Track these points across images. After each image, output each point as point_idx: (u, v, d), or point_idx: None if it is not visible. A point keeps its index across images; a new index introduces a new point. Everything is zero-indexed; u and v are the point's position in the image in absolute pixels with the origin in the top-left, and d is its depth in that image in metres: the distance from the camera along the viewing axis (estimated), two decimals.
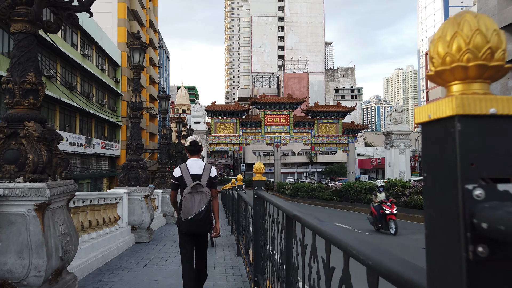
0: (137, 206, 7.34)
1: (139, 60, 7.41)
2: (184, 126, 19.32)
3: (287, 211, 1.84)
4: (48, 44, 23.77)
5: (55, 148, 3.37)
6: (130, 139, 7.52)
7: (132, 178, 7.35)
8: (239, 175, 6.11)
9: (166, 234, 9.28)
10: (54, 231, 3.11)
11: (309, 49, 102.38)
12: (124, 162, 7.61)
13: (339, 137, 49.76)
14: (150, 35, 53.98)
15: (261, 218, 3.07)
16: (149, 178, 7.66)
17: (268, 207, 2.67)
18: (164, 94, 11.54)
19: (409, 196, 15.51)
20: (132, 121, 7.46)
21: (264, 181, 3.25)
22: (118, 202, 6.74)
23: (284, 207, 1.95)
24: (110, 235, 5.96)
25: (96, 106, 32.62)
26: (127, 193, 7.03)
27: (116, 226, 6.58)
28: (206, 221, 3.63)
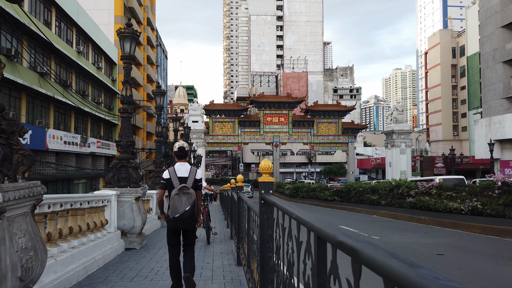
0: (127, 209, 6.68)
1: (130, 50, 6.78)
2: (181, 126, 18.74)
3: (320, 231, 1.20)
4: (42, 41, 23.11)
5: (15, 142, 2.73)
6: (120, 135, 6.89)
7: (122, 178, 6.70)
8: (239, 175, 5.45)
9: (160, 239, 8.60)
10: (11, 245, 2.47)
11: (308, 48, 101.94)
12: (113, 161, 6.97)
13: (338, 137, 49.21)
14: (148, 33, 53.28)
15: (270, 229, 2.43)
16: (141, 179, 7.01)
17: (282, 217, 2.02)
18: (159, 89, 10.90)
19: (415, 197, 14.90)
20: (123, 116, 6.82)
21: (272, 183, 2.62)
22: (105, 205, 6.11)
23: (311, 222, 1.31)
24: (95, 242, 5.31)
25: (92, 104, 31.93)
26: (116, 194, 6.38)
27: (103, 231, 5.94)
28: (190, 219, 4.24)
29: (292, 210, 1.69)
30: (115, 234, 6.27)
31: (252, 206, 3.34)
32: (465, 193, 12.56)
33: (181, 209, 4.15)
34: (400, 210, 16.06)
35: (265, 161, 2.68)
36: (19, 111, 22.55)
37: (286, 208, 1.82)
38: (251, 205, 3.56)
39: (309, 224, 1.34)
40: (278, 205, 2.02)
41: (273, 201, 2.22)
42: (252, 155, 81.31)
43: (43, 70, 24.35)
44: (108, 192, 6.20)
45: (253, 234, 3.59)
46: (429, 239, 9.72)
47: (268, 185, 2.64)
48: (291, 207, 1.75)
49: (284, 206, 1.90)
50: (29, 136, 22.22)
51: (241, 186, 5.22)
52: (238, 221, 5.35)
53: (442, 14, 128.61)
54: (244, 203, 4.47)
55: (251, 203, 3.72)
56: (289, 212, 1.73)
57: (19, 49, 22.31)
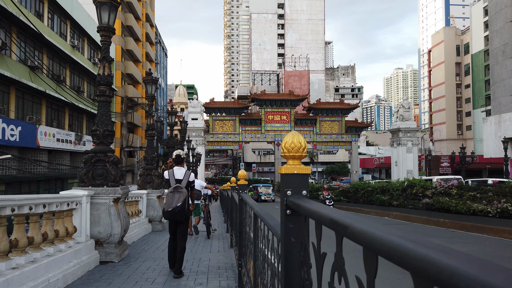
0: (103, 213, 5.41)
1: (109, 20, 5.55)
2: (178, 118, 17.55)
3: None
4: (33, 33, 21.89)
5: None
6: (96, 123, 5.64)
7: (97, 175, 5.43)
8: (241, 171, 4.19)
9: (147, 248, 7.36)
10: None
11: (309, 47, 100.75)
12: (87, 155, 5.72)
13: (342, 135, 47.89)
14: (147, 29, 52.05)
15: (303, 269, 1.14)
16: (121, 176, 5.75)
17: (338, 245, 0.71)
18: (150, 76, 9.67)
19: (432, 198, 13.64)
20: (100, 100, 5.58)
21: (307, 177, 1.39)
22: (74, 209, 4.88)
23: None
24: (53, 258, 4.09)
25: (87, 101, 30.72)
26: (89, 195, 5.15)
27: (69, 242, 4.72)
28: (181, 213, 5.22)
29: None
30: (86, 245, 5.02)
31: (265, 217, 2.07)
32: (492, 193, 11.31)
33: (173, 204, 5.21)
34: (415, 211, 14.80)
35: (294, 136, 1.44)
36: (7, 106, 21.33)
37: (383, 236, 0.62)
38: (261, 214, 2.30)
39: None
40: (351, 227, 0.72)
41: (321, 212, 0.93)
42: (253, 155, 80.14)
43: (34, 64, 23.12)
44: (77, 193, 4.96)
45: (260, 254, 2.38)
46: (458, 247, 8.46)
47: (300, 181, 1.39)
48: None
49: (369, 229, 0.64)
50: (18, 133, 21.00)
51: (244, 185, 4.00)
52: (240, 230, 4.10)
53: (445, 13, 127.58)
54: (247, 206, 3.22)
55: (260, 207, 2.48)
56: None
57: (8, 41, 21.09)
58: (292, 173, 1.39)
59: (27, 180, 23.02)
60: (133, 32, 44.13)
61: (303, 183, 1.38)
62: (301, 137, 1.45)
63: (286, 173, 1.41)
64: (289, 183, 1.39)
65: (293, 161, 1.43)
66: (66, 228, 4.64)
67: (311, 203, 1.17)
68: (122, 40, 40.91)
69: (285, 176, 1.41)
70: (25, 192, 22.38)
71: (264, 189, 35.81)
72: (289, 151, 1.43)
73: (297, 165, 1.42)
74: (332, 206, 10.93)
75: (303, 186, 1.37)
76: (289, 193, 1.38)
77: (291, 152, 1.42)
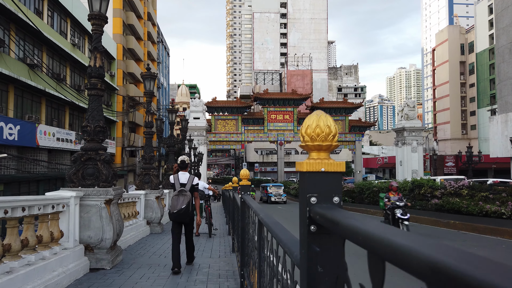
0: (94, 216, 4.97)
1: (100, 8, 5.13)
2: (178, 117, 17.12)
3: None
4: (32, 30, 21.51)
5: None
6: (87, 119, 5.21)
7: (88, 175, 4.99)
8: (243, 170, 3.73)
9: (143, 252, 6.85)
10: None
11: (312, 46, 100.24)
12: (76, 153, 5.28)
13: (345, 135, 47.40)
14: (149, 28, 51.69)
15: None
16: (114, 176, 5.30)
17: None
18: (149, 72, 9.24)
19: (442, 198, 13.15)
20: (91, 93, 5.16)
21: (340, 181, 0.88)
22: (61, 211, 4.45)
23: None
24: (35, 266, 3.65)
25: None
26: (78, 197, 4.71)
27: (55, 248, 4.28)
28: (185, 215, 5.67)
29: None
30: (74, 251, 4.59)
31: (273, 226, 1.62)
32: (506, 194, 10.82)
33: (178, 207, 5.59)
34: (423, 212, 14.32)
35: (320, 117, 1.00)
36: (6, 105, 20.96)
37: None
38: (268, 222, 1.85)
39: None
40: None
41: (397, 242, 0.58)
42: (256, 154, 79.73)
43: (33, 62, 22.75)
44: (64, 194, 4.53)
45: (270, 278, 1.93)
46: (474, 250, 7.97)
47: (330, 182, 0.94)
48: None
49: None
50: (16, 132, 20.62)
51: (247, 185, 3.55)
52: (243, 235, 3.66)
53: (448, 12, 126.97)
54: (250, 210, 2.77)
55: (267, 213, 2.03)
56: None
57: (6, 38, 20.72)
58: (318, 171, 0.95)
59: (26, 180, 22.65)
60: (134, 30, 43.77)
61: (335, 185, 0.93)
62: (330, 119, 1.00)
63: (309, 171, 0.96)
64: (313, 185, 0.94)
65: (319, 153, 0.98)
66: (52, 233, 4.21)
67: (356, 218, 0.71)
68: (124, 38, 40.57)
69: (307, 175, 0.96)
70: (24, 193, 22.03)
71: (275, 189, 32.02)
72: (313, 138, 0.98)
73: (325, 159, 0.97)
74: (408, 222, 8.76)
75: (335, 190, 0.92)
76: (314, 200, 0.93)
77: (316, 141, 0.97)
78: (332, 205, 0.91)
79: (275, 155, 67.65)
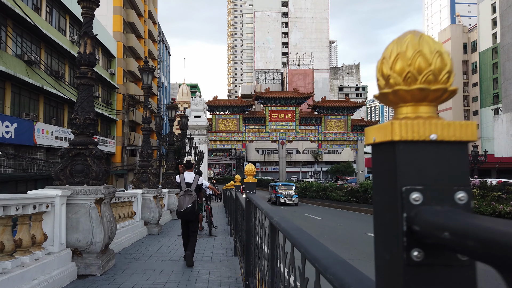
0: (83, 217, 4.49)
1: None
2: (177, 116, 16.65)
3: None
4: (30, 26, 21.08)
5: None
6: (76, 110, 4.73)
7: (76, 172, 4.52)
8: (248, 165, 3.25)
9: (139, 256, 6.27)
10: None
11: (313, 45, 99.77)
12: (63, 148, 4.80)
13: (347, 134, 46.93)
14: (149, 27, 51.25)
15: None
16: (105, 173, 4.83)
17: None
18: (146, 65, 8.77)
19: None
20: (80, 82, 4.69)
21: (467, 162, 0.53)
22: (45, 212, 3.99)
23: None
24: (9, 275, 3.16)
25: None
26: (64, 195, 4.24)
27: (38, 253, 3.82)
28: (191, 213, 5.98)
29: None
30: (59, 256, 4.11)
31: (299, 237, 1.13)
32: None
33: (184, 206, 5.86)
34: None
35: (422, 39, 0.55)
36: (3, 102, 20.53)
37: None
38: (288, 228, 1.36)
39: None
40: None
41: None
42: (257, 154, 79.30)
43: (31, 59, 22.30)
44: (48, 192, 4.06)
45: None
46: None
47: (447, 163, 0.51)
48: None
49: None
50: (13, 130, 20.18)
51: (253, 183, 3.08)
52: (247, 240, 3.18)
53: (450, 11, 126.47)
54: (261, 214, 2.30)
55: (285, 219, 1.58)
56: None
57: (2, 34, 20.30)
58: (425, 139, 0.52)
59: (23, 179, 22.21)
60: (135, 29, 43.34)
61: (459, 168, 0.50)
62: (439, 44, 0.55)
63: (405, 141, 0.52)
64: (414, 169, 0.50)
65: (419, 107, 0.54)
66: (33, 236, 3.76)
67: None
68: (124, 36, 40.14)
69: (400, 149, 0.52)
70: (22, 192, 21.57)
71: (285, 189, 27.68)
72: (410, 78, 0.52)
73: (434, 118, 0.54)
74: None
75: (459, 178, 0.50)
76: (417, 198, 0.50)
77: (417, 82, 0.52)
78: (454, 207, 0.51)
79: (276, 155, 67.19)
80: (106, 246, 4.77)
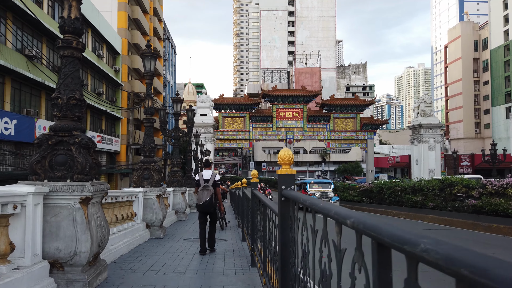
0: (65, 221, 3.55)
1: None
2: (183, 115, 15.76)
3: None
4: (31, 19, 20.28)
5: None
6: (57, 88, 3.79)
7: (58, 164, 3.57)
8: (283, 149, 2.44)
9: (138, 265, 5.30)
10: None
11: (320, 44, 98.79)
12: (41, 134, 3.84)
13: (357, 133, 45.80)
14: (155, 24, 50.48)
15: None
16: (94, 166, 3.86)
17: None
18: (149, 49, 7.86)
19: (480, 199, 11.63)
20: (63, 53, 3.76)
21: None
22: (12, 214, 3.05)
23: None
24: None
25: (91, 95, 29.15)
26: (39, 193, 3.30)
27: (1, 268, 2.90)
28: (210, 205, 6.68)
29: None
30: (32, 272, 3.17)
31: None
32: None
33: (203, 199, 6.67)
34: (457, 214, 12.79)
35: None
36: (2, 98, 19.74)
37: None
38: None
39: None
40: None
41: None
42: (263, 153, 78.36)
43: (32, 53, 21.51)
44: (16, 189, 3.11)
45: None
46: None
47: None
48: None
49: None
50: (13, 127, 19.38)
51: (290, 175, 2.22)
52: (263, 234, 2.20)
53: (459, 9, 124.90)
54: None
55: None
56: None
57: (2, 28, 19.51)
58: None
59: (24, 177, 21.37)
60: (140, 25, 42.58)
61: None
62: None
63: None
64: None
65: None
66: None
67: None
68: (129, 33, 39.39)
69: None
70: None
71: (319, 188, 21.07)
72: None
73: None
74: None
75: None
76: None
77: None
78: None
79: None
80: (95, 256, 3.82)
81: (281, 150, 2.26)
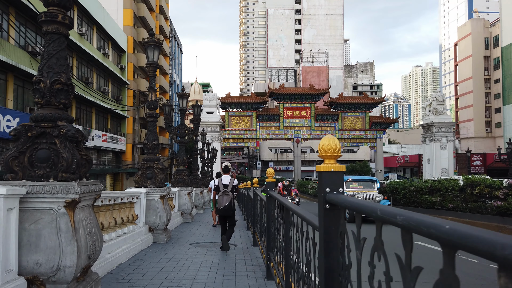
0: (46, 229, 2.93)
1: None
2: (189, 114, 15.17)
3: None
4: (34, 15, 19.80)
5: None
6: (40, 70, 3.16)
7: (39, 160, 2.93)
8: (325, 137, 1.85)
9: (138, 277, 4.68)
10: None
11: (327, 42, 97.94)
12: (18, 125, 3.21)
13: (366, 132, 44.95)
14: (161, 22, 50.05)
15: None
16: (85, 163, 3.24)
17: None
18: (152, 38, 7.26)
19: (506, 200, 10.89)
20: (47, 29, 3.17)
21: None
22: None
23: None
24: None
25: (96, 93, 28.70)
26: (13, 196, 2.67)
27: None
28: (229, 210, 7.19)
29: None
30: None
31: None
32: None
33: (223, 204, 7.15)
34: (479, 216, 12.05)
35: None
36: (5, 95, 19.30)
37: None
38: None
39: None
40: None
41: None
42: (270, 153, 77.70)
43: (35, 50, 21.06)
44: None
45: None
46: None
47: None
48: None
49: None
50: (15, 124, 18.89)
51: (338, 172, 1.60)
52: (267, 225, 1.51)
53: (467, 7, 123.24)
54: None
55: None
56: None
57: (4, 24, 19.06)
58: None
59: None
60: (146, 23, 42.12)
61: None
62: None
63: None
64: None
65: None
66: None
67: None
68: (135, 31, 38.93)
69: None
70: None
71: (358, 187, 15.85)
72: None
73: None
74: None
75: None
76: None
77: None
78: None
79: (290, 154, 65.39)
80: (85, 270, 3.19)
81: (323, 138, 1.62)
